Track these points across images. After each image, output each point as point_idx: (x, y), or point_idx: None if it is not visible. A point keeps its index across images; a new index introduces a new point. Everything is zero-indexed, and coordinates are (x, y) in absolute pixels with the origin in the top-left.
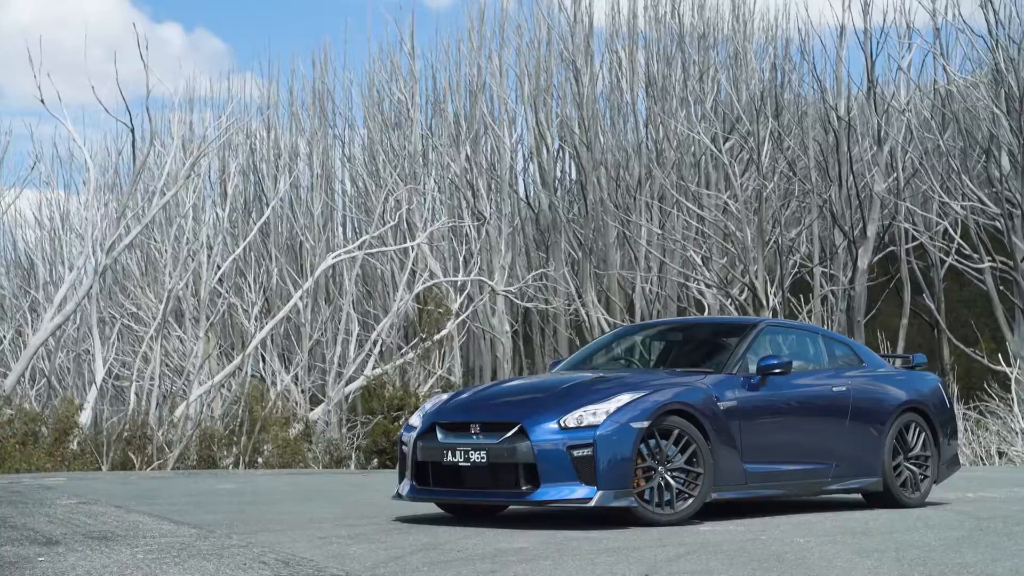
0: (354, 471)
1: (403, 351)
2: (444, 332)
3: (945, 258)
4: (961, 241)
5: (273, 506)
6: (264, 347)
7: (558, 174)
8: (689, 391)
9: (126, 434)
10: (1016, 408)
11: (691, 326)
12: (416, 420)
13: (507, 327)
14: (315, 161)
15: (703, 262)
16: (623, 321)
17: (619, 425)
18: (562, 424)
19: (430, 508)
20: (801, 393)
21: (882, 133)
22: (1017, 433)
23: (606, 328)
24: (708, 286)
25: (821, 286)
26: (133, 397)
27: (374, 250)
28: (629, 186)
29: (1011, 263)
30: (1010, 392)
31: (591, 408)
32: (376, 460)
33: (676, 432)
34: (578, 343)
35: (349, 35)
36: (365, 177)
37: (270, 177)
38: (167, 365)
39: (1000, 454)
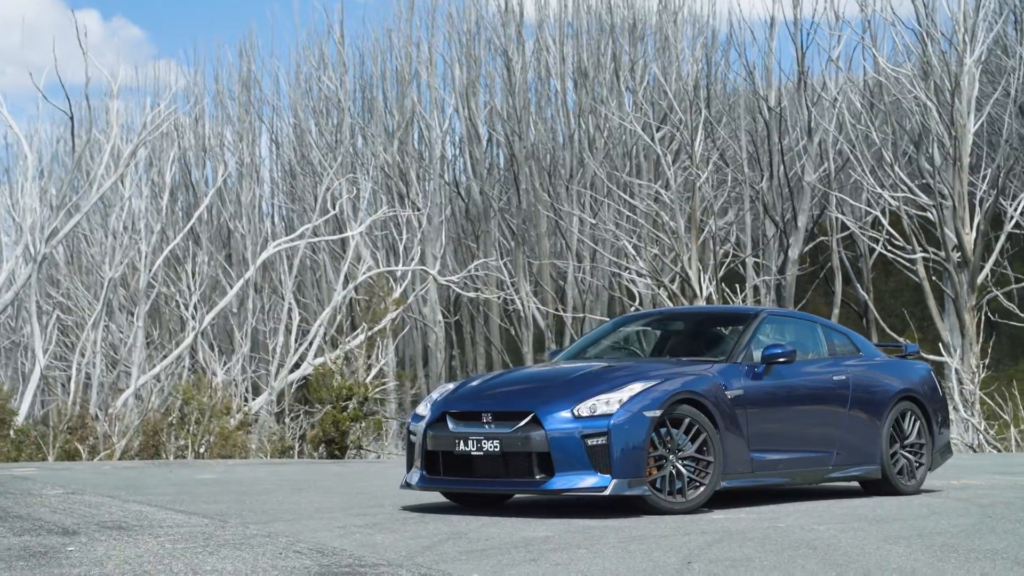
0: (329, 461)
1: (348, 339)
2: (389, 318)
3: (875, 246)
4: (892, 231)
5: (269, 496)
6: (203, 336)
7: (486, 165)
8: (698, 380)
9: (71, 423)
10: (956, 396)
11: (691, 315)
12: (424, 409)
13: (440, 316)
14: (244, 150)
15: (635, 251)
16: (555, 310)
17: (632, 414)
18: (575, 413)
19: (436, 497)
20: (804, 382)
21: (812, 123)
22: (954, 421)
23: (538, 317)
24: (640, 275)
25: (755, 275)
26: (72, 387)
27: (315, 239)
28: (561, 175)
29: (942, 254)
30: (948, 381)
31: (604, 397)
32: (324, 450)
33: (687, 421)
34: (512, 332)
35: (276, 22)
36: (294, 163)
37: (197, 166)
38: (103, 355)
39: None
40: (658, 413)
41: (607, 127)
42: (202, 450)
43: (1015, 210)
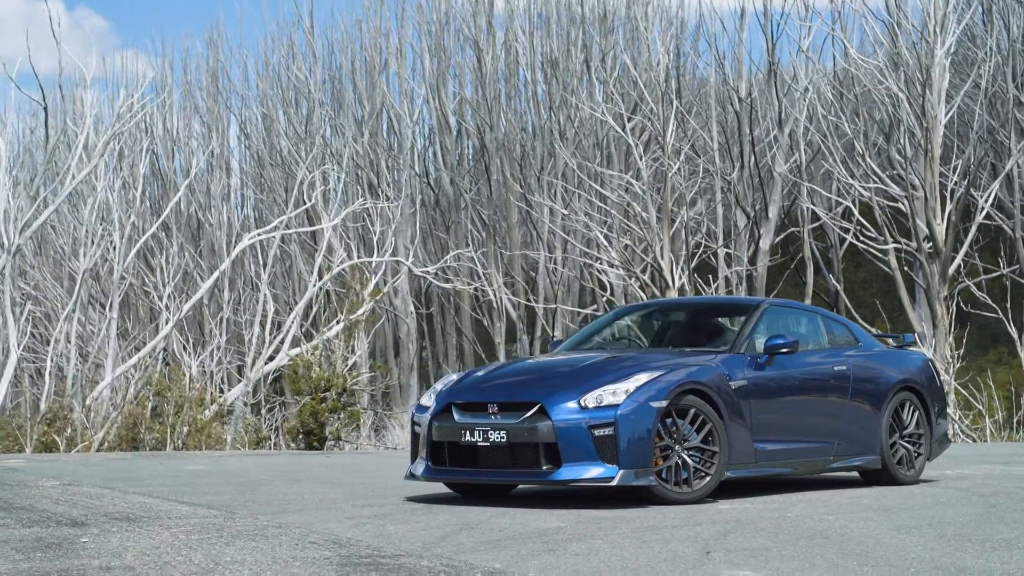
0: (311, 452)
1: (325, 330)
2: (364, 309)
3: (846, 236)
4: (864, 221)
5: (268, 487)
6: (177, 328)
7: (456, 156)
8: (702, 370)
9: (49, 415)
10: None
11: (691, 306)
12: (428, 400)
13: (411, 307)
14: (214, 140)
15: (607, 241)
16: (527, 301)
17: (639, 404)
18: (582, 404)
19: (437, 488)
20: (805, 372)
21: (782, 114)
22: None
23: (510, 308)
24: (612, 265)
25: (727, 266)
26: (47, 378)
27: (291, 231)
28: (532, 166)
29: (913, 244)
30: None
31: (610, 388)
32: (302, 441)
33: (692, 411)
34: (485, 324)
35: (244, 13)
36: (264, 153)
37: (165, 156)
38: (78, 346)
39: None
40: (664, 403)
41: (578, 117)
42: (180, 442)
43: (985, 201)
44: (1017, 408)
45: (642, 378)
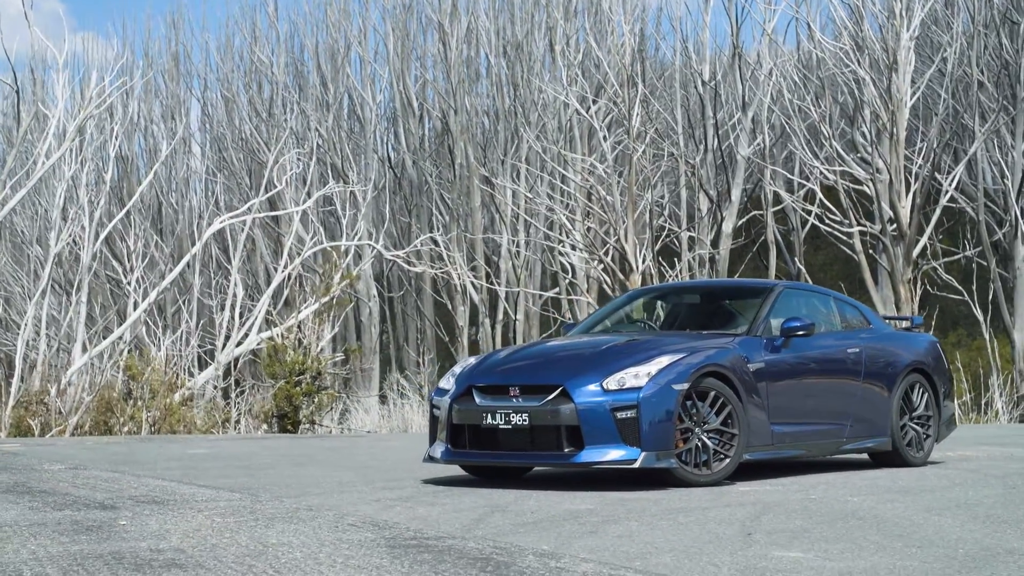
0: (299, 436)
1: (298, 311)
2: (335, 292)
3: (808, 218)
4: (828, 203)
5: (277, 470)
6: (146, 311)
7: (419, 138)
8: (721, 353)
9: (25, 399)
10: None
11: (705, 288)
12: (448, 383)
13: (374, 291)
14: (177, 124)
15: (570, 224)
16: (492, 284)
17: (660, 387)
18: (604, 386)
19: (452, 471)
20: (820, 355)
21: (746, 97)
22: None
23: (472, 291)
24: (574, 248)
25: (690, 249)
26: (18, 363)
27: (262, 215)
28: (496, 149)
29: (877, 227)
30: None
31: (632, 370)
32: (276, 424)
33: (712, 394)
34: (449, 307)
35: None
36: (227, 138)
37: (128, 138)
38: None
39: None
40: (685, 386)
41: (541, 100)
42: (154, 427)
43: (949, 184)
44: (986, 389)
45: (663, 361)
